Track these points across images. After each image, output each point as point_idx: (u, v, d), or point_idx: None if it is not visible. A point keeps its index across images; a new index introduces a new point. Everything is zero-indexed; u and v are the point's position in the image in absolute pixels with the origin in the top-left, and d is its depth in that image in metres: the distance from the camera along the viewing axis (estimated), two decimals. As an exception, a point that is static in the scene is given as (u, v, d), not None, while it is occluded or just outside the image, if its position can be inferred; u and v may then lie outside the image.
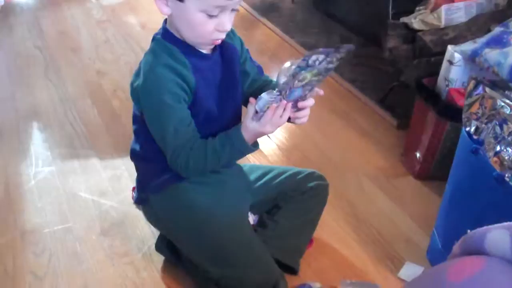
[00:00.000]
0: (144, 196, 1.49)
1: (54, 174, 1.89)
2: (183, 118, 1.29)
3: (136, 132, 1.45)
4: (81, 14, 3.40)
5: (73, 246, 1.62)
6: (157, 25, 1.36)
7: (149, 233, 1.67)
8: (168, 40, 1.31)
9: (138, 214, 1.73)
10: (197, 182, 1.42)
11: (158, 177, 1.43)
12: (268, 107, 1.23)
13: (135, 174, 1.85)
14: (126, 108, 2.34)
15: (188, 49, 1.31)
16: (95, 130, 2.17)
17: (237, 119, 1.39)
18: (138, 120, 1.39)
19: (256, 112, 1.25)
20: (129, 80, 1.32)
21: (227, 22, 1.25)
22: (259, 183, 1.58)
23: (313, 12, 3.47)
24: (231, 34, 1.40)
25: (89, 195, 1.81)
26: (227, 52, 1.39)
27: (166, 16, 1.32)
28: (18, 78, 2.54)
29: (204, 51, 1.34)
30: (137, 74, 1.33)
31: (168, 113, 1.28)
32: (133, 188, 1.81)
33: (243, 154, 1.36)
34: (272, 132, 1.29)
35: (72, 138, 2.10)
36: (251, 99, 1.27)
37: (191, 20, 1.24)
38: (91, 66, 2.72)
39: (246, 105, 1.33)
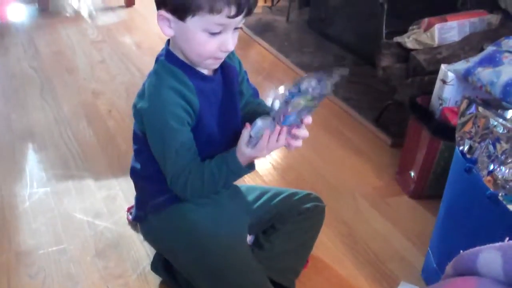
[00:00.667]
0: (142, 214, 1.49)
1: (49, 195, 1.89)
2: (185, 142, 1.30)
3: (136, 152, 1.45)
4: (77, 34, 3.41)
5: (67, 268, 1.61)
6: (153, 45, 1.38)
7: (144, 254, 1.66)
8: (171, 62, 1.32)
9: (132, 235, 1.73)
10: (197, 203, 1.42)
11: (158, 197, 1.43)
12: (262, 134, 1.24)
13: (130, 194, 1.85)
14: (121, 128, 2.34)
15: (192, 71, 1.32)
16: (90, 150, 2.17)
17: (236, 139, 1.39)
18: (140, 140, 1.39)
19: (250, 137, 1.26)
20: (125, 100, 1.33)
21: (229, 41, 1.26)
22: (257, 204, 1.58)
23: (307, 32, 3.49)
24: (230, 54, 1.40)
25: (84, 216, 1.81)
26: (227, 72, 1.40)
27: (169, 37, 1.32)
28: (14, 99, 2.54)
29: (206, 73, 1.35)
30: (140, 96, 1.33)
31: (171, 136, 1.28)
32: (128, 209, 1.81)
33: (239, 176, 1.37)
34: (268, 154, 1.30)
35: (67, 159, 2.10)
36: (247, 124, 1.27)
37: (194, 40, 1.24)
38: (87, 86, 2.73)
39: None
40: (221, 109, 1.39)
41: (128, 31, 3.54)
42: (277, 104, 1.19)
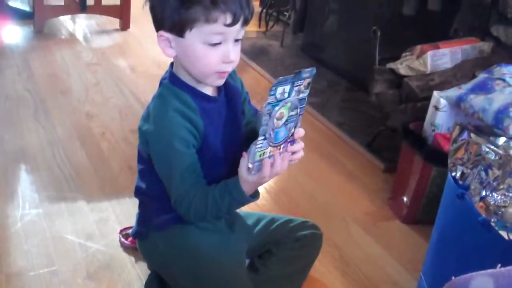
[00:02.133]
0: (144, 231, 1.48)
1: (41, 217, 1.88)
2: (190, 165, 1.30)
3: (141, 172, 1.47)
4: (71, 57, 3.42)
5: (58, 290, 1.60)
6: (147, 69, 1.38)
7: (136, 277, 1.66)
8: (175, 84, 1.33)
9: (124, 258, 1.72)
10: (200, 227, 1.42)
11: (163, 215, 1.43)
12: (260, 156, 1.22)
13: (122, 217, 1.85)
14: (114, 150, 2.34)
15: (196, 93, 1.32)
16: (83, 172, 2.17)
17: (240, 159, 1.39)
18: (145, 161, 1.41)
19: (250, 165, 1.24)
20: (118, 122, 1.34)
21: (231, 52, 1.26)
22: (255, 230, 1.58)
23: (301, 57, 3.52)
24: (233, 74, 1.42)
25: (76, 238, 1.80)
26: (231, 93, 1.41)
27: (171, 58, 1.34)
28: (7, 120, 2.54)
29: (210, 93, 1.36)
30: (145, 119, 1.34)
31: (176, 159, 1.29)
32: (120, 231, 1.80)
33: (242, 204, 1.37)
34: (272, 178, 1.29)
35: (59, 181, 2.10)
36: (244, 154, 1.25)
37: (195, 55, 1.25)
38: (81, 108, 2.73)
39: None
40: (225, 129, 1.39)
41: (122, 54, 3.55)
42: (264, 121, 1.19)
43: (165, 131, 1.29)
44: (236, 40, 1.28)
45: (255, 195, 1.34)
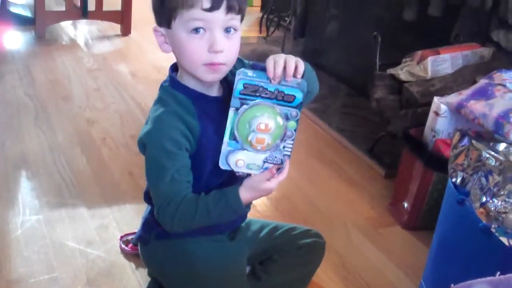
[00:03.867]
0: (147, 237, 1.47)
1: (41, 223, 1.88)
2: (181, 168, 1.28)
3: None
4: (72, 63, 3.42)
5: (58, 296, 1.60)
6: (148, 75, 1.38)
7: (136, 284, 1.65)
8: (174, 87, 1.32)
9: (125, 264, 1.72)
10: (201, 241, 1.42)
11: None
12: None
13: (122, 223, 1.86)
14: (115, 156, 2.34)
15: (195, 95, 1.31)
16: (83, 179, 2.17)
17: None
18: None
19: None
20: (119, 128, 1.34)
21: (218, 41, 1.23)
22: (258, 236, 1.58)
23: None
24: (235, 72, 1.41)
25: (76, 244, 1.80)
26: None
27: (167, 53, 1.33)
28: (8, 126, 2.54)
29: (213, 95, 1.34)
30: (145, 123, 1.33)
31: (167, 160, 1.26)
32: (121, 237, 1.80)
33: (234, 214, 1.31)
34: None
35: (60, 187, 2.10)
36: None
37: (181, 43, 1.25)
38: (81, 114, 2.73)
39: None
40: None
41: (123, 60, 3.56)
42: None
43: (158, 132, 1.27)
44: (228, 31, 1.25)
45: (248, 206, 1.33)
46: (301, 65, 1.26)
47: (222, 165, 1.23)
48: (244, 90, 1.20)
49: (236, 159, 1.22)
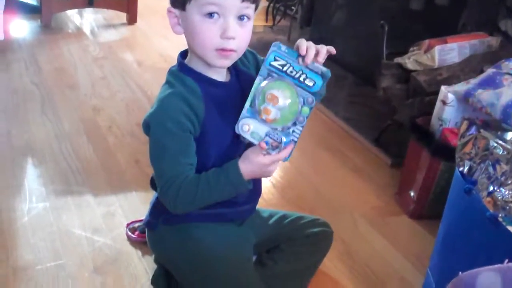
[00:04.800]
0: (155, 222, 1.47)
1: (48, 210, 1.89)
2: (184, 149, 1.28)
3: None
4: (78, 51, 3.43)
5: (65, 284, 1.60)
6: (154, 63, 1.38)
7: (143, 271, 1.66)
8: (182, 70, 1.32)
9: (131, 252, 1.72)
10: (208, 226, 1.42)
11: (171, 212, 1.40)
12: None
13: (129, 211, 1.86)
14: (121, 144, 2.34)
15: (202, 78, 1.31)
16: (89, 166, 2.17)
17: None
18: None
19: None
20: (125, 116, 1.34)
21: (230, 27, 1.23)
22: (267, 224, 1.58)
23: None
24: (245, 61, 1.41)
25: (83, 231, 1.80)
26: (243, 79, 1.37)
27: (179, 35, 1.33)
28: (15, 114, 2.54)
29: (220, 79, 1.34)
30: (152, 107, 1.33)
31: (170, 141, 1.27)
32: (127, 225, 1.80)
33: (236, 190, 1.31)
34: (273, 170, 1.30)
35: (66, 174, 2.10)
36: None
37: (194, 26, 1.24)
38: (87, 102, 2.73)
39: None
40: (237, 116, 1.30)
41: (129, 48, 3.55)
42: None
43: (162, 113, 1.27)
44: (241, 18, 1.25)
45: (249, 182, 1.32)
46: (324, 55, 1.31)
47: (236, 129, 1.26)
48: (274, 62, 1.25)
49: (245, 124, 1.25)
